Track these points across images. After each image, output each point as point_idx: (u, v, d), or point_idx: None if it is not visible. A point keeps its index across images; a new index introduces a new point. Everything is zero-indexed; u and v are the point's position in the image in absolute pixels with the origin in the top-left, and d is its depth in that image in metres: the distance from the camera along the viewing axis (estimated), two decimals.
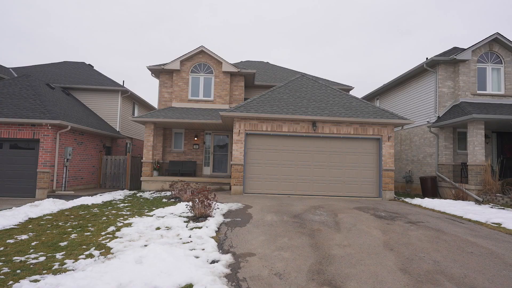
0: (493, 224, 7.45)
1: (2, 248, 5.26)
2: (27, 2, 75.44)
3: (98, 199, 10.94)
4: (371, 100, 20.92)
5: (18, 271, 4.26)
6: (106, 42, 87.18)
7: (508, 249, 5.47)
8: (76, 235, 6.14)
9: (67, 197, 11.36)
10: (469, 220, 8.01)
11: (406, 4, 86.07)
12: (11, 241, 5.72)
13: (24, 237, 6.01)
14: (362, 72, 79.80)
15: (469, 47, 13.84)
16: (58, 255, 4.91)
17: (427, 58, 14.50)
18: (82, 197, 10.99)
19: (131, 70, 77.24)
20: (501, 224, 7.38)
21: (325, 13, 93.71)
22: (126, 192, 13.45)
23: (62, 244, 5.51)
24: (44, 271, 4.26)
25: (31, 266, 4.47)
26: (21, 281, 3.90)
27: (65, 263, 4.56)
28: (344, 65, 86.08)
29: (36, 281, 3.89)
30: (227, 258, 4.80)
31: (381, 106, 19.37)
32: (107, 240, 5.72)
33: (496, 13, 78.69)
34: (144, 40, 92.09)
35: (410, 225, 7.16)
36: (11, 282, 3.89)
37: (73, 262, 4.60)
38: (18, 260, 4.68)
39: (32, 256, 4.88)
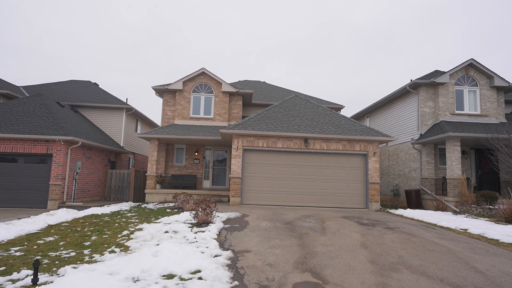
0: (460, 230, 8.46)
1: (35, 247, 6.20)
2: (22, 19, 77.82)
3: (107, 209, 11.83)
4: (361, 118, 22.20)
5: (57, 262, 5.20)
6: (102, 58, 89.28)
7: (464, 248, 6.48)
8: (96, 237, 7.07)
9: (77, 208, 12.23)
10: (441, 227, 9.01)
11: (396, 24, 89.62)
12: (41, 242, 6.65)
13: (50, 238, 6.94)
14: (356, 89, 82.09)
15: (447, 71, 15.19)
16: (86, 251, 5.86)
17: (411, 80, 15.83)
18: (91, 208, 11.88)
19: (128, 86, 78.93)
20: (467, 230, 8.39)
21: (323, 35, 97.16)
22: (131, 203, 14.33)
23: (86, 243, 6.46)
24: (78, 262, 5.20)
25: (66, 258, 5.41)
26: (62, 268, 4.84)
27: (93, 256, 5.51)
28: (338, 83, 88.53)
29: (74, 268, 4.84)
30: (228, 253, 5.76)
31: (371, 123, 20.63)
32: (124, 241, 6.67)
33: (482, 33, 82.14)
34: (140, 57, 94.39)
35: (387, 230, 8.15)
36: (54, 268, 4.84)
37: (100, 256, 5.55)
38: (53, 255, 5.62)
39: (64, 252, 5.82)
